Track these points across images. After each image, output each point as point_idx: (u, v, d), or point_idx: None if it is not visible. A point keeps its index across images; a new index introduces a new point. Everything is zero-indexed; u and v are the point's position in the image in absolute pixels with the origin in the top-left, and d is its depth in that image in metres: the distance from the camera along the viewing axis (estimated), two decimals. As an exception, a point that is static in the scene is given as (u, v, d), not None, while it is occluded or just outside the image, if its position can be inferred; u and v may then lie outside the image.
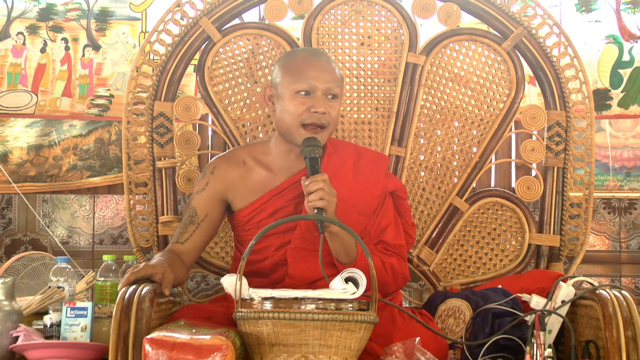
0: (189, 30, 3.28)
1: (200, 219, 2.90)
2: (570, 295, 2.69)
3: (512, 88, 3.32)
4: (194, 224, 2.90)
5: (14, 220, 3.75)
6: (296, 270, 2.83)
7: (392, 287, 2.87)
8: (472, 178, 3.33)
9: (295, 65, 2.84)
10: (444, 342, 2.76)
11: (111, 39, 3.77)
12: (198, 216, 2.90)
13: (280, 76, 2.86)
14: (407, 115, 3.32)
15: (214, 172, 2.93)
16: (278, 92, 2.86)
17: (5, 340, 2.78)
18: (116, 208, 3.76)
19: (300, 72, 2.82)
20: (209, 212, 2.91)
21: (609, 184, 3.74)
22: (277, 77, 2.87)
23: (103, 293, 2.96)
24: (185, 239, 2.89)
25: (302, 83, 2.81)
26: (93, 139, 3.78)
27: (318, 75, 2.81)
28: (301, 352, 2.41)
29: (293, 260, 2.83)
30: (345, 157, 2.91)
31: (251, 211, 2.88)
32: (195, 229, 2.90)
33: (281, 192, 2.87)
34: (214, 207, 2.92)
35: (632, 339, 2.45)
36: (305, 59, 2.86)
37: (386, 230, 2.88)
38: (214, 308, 2.75)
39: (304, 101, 2.81)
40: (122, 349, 2.42)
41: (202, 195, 2.92)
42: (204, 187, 2.93)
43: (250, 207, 2.89)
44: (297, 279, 2.81)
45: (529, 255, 3.30)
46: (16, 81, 3.76)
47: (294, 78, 2.81)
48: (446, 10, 3.33)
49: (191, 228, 2.90)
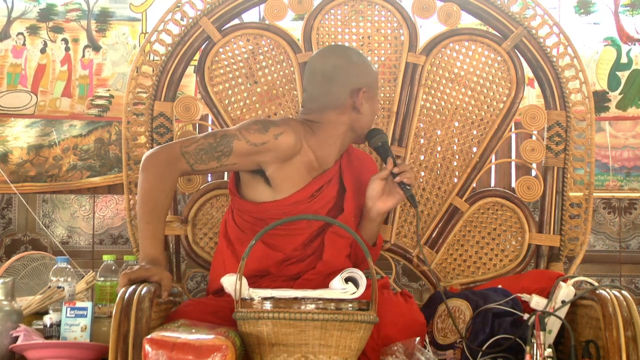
0: (189, 30, 3.28)
1: (228, 163, 2.78)
2: (570, 296, 2.69)
3: (512, 88, 3.32)
4: (217, 161, 2.78)
5: (14, 220, 3.75)
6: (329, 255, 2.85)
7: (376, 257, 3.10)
8: (472, 178, 3.33)
9: (372, 67, 3.00)
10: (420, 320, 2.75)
11: (111, 39, 3.77)
12: (228, 158, 2.78)
13: (370, 78, 2.97)
14: (407, 115, 3.33)
15: (278, 137, 2.79)
16: (372, 94, 2.97)
17: (5, 340, 2.78)
18: (116, 208, 3.76)
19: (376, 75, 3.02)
20: (240, 166, 2.81)
21: (609, 184, 3.75)
22: (367, 78, 2.96)
23: (103, 293, 2.96)
24: (199, 169, 2.78)
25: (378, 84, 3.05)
26: (93, 139, 3.78)
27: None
28: (301, 352, 2.41)
29: (329, 246, 2.86)
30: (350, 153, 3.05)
31: (304, 198, 2.85)
32: (215, 166, 2.79)
33: (331, 181, 2.91)
34: (245, 164, 2.81)
35: (632, 339, 2.45)
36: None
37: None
38: (219, 303, 2.73)
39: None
40: (122, 349, 2.41)
41: (249, 149, 2.78)
42: (259, 144, 2.77)
43: (301, 193, 2.84)
44: (329, 264, 2.84)
45: (529, 255, 3.30)
46: (16, 81, 3.76)
47: (376, 81, 3.01)
48: (446, 11, 3.34)
49: (212, 163, 2.78)
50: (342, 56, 2.97)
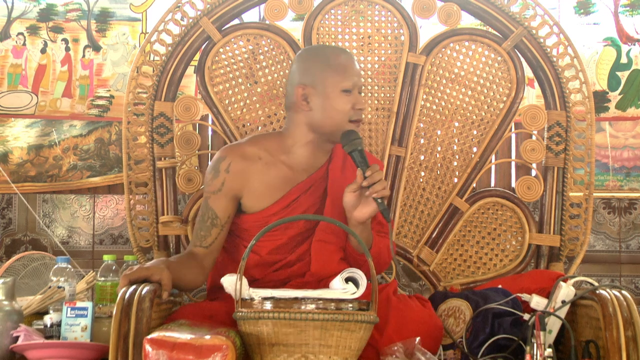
0: (189, 30, 3.28)
1: (222, 221, 2.84)
2: (570, 296, 2.69)
3: (512, 88, 3.32)
4: (217, 227, 2.84)
5: (14, 220, 3.75)
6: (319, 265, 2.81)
7: (386, 267, 2.96)
8: (472, 178, 3.33)
9: (337, 62, 2.88)
10: (439, 324, 2.76)
11: (111, 39, 3.77)
12: (219, 219, 2.84)
13: (321, 74, 2.87)
14: (407, 115, 3.33)
15: (229, 170, 2.85)
16: (319, 90, 2.86)
17: (6, 340, 2.78)
18: (116, 208, 3.76)
19: (344, 70, 2.86)
20: (230, 214, 2.86)
21: (609, 184, 3.75)
22: (316, 75, 2.87)
23: (103, 293, 2.96)
24: (209, 243, 2.83)
25: (348, 81, 2.85)
26: (93, 139, 3.78)
27: (357, 73, 2.89)
28: (301, 352, 2.41)
29: (316, 256, 2.82)
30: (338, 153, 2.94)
31: (279, 209, 2.84)
32: (219, 232, 2.84)
33: (310, 189, 2.86)
34: (232, 208, 2.86)
35: (632, 339, 2.45)
36: (344, 57, 2.91)
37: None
38: (216, 307, 2.74)
39: (349, 99, 2.85)
40: (122, 349, 2.41)
41: (220, 197, 2.85)
42: (219, 187, 2.85)
43: (278, 205, 2.84)
44: (318, 276, 2.81)
45: (529, 255, 3.30)
46: (16, 82, 3.76)
47: (341, 76, 2.85)
48: (446, 11, 3.34)
49: (215, 231, 2.84)
50: (299, 55, 2.98)
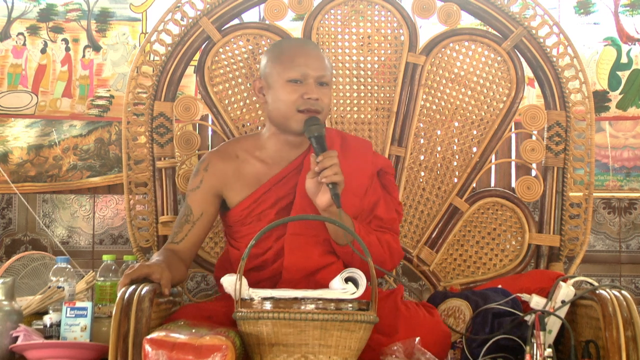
0: (188, 30, 3.28)
1: (195, 217, 2.90)
2: (570, 295, 2.69)
3: (512, 88, 3.32)
4: (189, 223, 2.90)
5: (14, 220, 3.75)
6: (293, 259, 2.80)
7: (389, 264, 2.89)
8: (472, 178, 3.33)
9: (285, 54, 2.86)
10: (447, 331, 2.76)
11: (111, 39, 3.77)
12: (193, 214, 2.90)
13: (269, 66, 2.87)
14: (407, 115, 3.33)
15: (207, 168, 2.92)
16: (269, 82, 2.87)
17: (5, 340, 2.78)
18: (116, 208, 3.76)
19: (290, 60, 2.83)
20: (204, 210, 2.91)
21: (609, 184, 3.74)
22: (267, 67, 2.89)
23: (103, 293, 2.96)
24: (180, 239, 2.90)
25: (294, 71, 2.82)
26: (93, 139, 3.78)
27: (308, 62, 2.83)
28: (301, 352, 2.41)
29: (290, 250, 2.81)
30: (333, 140, 2.92)
31: (251, 203, 2.87)
32: (190, 228, 2.90)
33: (281, 180, 2.87)
34: (209, 205, 2.91)
35: (632, 339, 2.45)
36: (295, 48, 2.88)
37: (377, 204, 2.90)
38: (215, 307, 2.75)
39: (296, 88, 2.81)
40: (122, 349, 2.41)
41: (197, 193, 2.91)
42: (198, 184, 2.92)
43: (250, 199, 2.88)
44: (294, 271, 2.80)
45: (529, 255, 3.30)
46: (16, 82, 3.76)
47: (284, 66, 2.83)
48: (446, 10, 3.33)
49: (186, 227, 2.90)
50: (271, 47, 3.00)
